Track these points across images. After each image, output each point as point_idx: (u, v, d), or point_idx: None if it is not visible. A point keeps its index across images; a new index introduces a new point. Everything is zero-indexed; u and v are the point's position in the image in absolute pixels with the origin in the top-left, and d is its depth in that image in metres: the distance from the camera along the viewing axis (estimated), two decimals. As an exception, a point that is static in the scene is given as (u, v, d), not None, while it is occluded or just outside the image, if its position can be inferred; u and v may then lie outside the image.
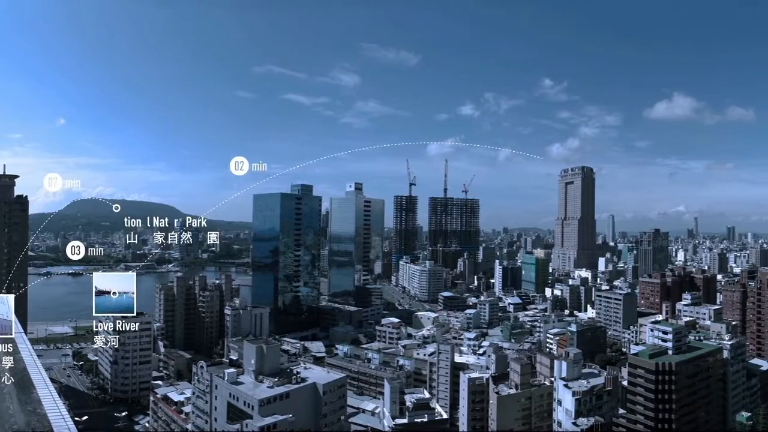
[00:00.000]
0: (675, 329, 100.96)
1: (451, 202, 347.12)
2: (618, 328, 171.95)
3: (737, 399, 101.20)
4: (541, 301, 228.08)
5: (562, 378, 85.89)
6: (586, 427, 76.12)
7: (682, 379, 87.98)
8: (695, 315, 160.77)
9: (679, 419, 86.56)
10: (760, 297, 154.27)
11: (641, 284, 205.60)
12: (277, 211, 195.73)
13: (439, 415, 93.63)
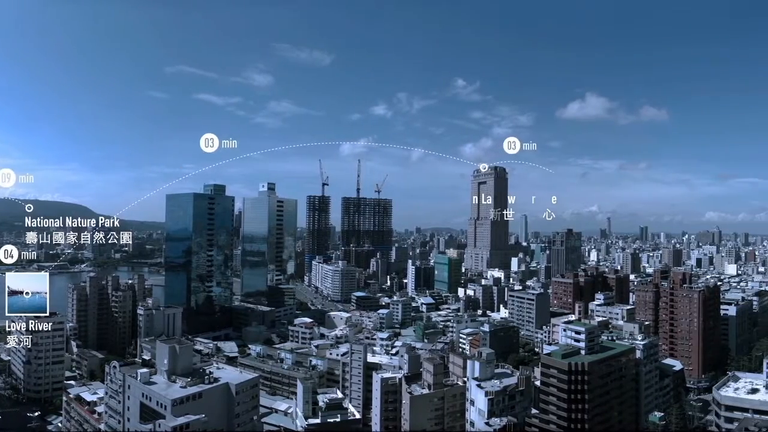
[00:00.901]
0: (588, 329, 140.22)
1: (363, 202, 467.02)
2: (531, 328, 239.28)
3: (650, 399, 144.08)
4: (454, 301, 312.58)
5: (475, 378, 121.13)
6: (498, 427, 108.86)
7: (594, 379, 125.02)
8: (608, 315, 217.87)
9: (592, 419, 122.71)
10: (673, 297, 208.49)
11: (554, 284, 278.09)
12: (189, 211, 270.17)
13: (352, 415, 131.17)
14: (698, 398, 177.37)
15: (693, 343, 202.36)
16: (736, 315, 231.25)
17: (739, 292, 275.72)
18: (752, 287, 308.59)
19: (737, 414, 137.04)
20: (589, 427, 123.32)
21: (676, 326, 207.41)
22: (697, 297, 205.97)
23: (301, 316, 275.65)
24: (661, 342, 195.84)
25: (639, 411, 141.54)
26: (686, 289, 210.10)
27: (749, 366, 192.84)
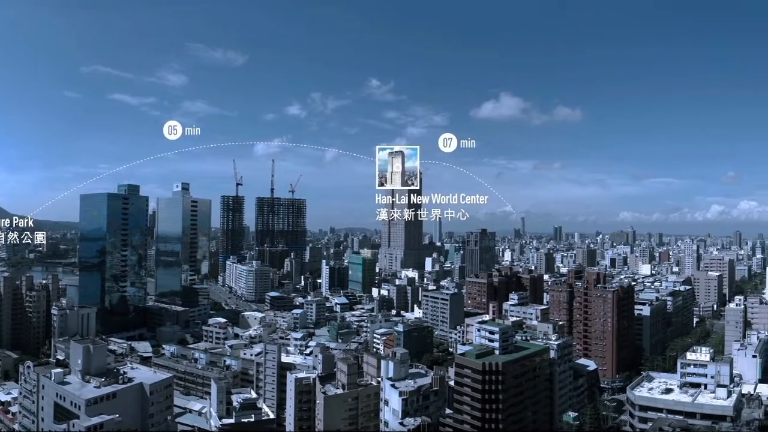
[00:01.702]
0: (502, 329, 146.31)
1: (278, 202, 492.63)
2: (445, 328, 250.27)
3: (564, 399, 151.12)
4: (368, 301, 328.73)
5: (389, 378, 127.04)
6: (412, 427, 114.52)
7: (508, 379, 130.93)
8: (522, 315, 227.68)
9: (506, 419, 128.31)
10: (587, 297, 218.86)
11: (468, 284, 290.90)
12: (103, 212, 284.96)
13: (266, 415, 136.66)
14: (612, 398, 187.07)
15: (607, 343, 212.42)
16: (650, 315, 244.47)
17: (653, 292, 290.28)
18: (666, 287, 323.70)
19: (651, 414, 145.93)
20: (503, 427, 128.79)
21: (591, 326, 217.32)
22: (611, 297, 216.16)
23: (215, 316, 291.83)
24: (576, 342, 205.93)
25: (553, 411, 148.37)
26: (600, 289, 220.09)
27: (663, 366, 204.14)
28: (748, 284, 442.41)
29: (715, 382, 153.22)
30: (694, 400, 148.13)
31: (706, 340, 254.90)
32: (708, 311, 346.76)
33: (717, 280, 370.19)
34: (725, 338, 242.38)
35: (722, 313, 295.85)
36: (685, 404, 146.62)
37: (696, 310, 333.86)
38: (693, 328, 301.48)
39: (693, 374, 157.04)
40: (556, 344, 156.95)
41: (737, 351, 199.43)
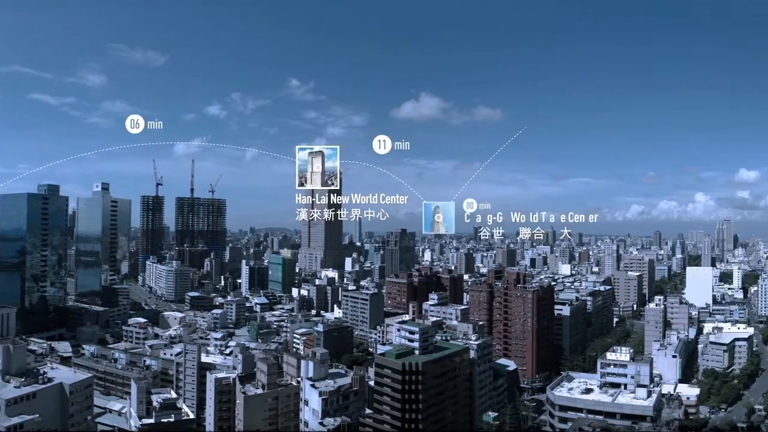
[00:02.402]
0: (422, 329, 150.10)
1: (198, 202, 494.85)
2: (365, 328, 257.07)
3: (484, 399, 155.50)
4: (288, 301, 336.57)
5: (309, 378, 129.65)
6: (332, 427, 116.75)
7: (428, 379, 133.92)
8: (442, 315, 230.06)
9: (426, 419, 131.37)
10: (507, 297, 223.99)
11: (388, 284, 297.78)
12: (23, 212, 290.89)
13: (186, 415, 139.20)
14: (532, 398, 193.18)
15: (527, 343, 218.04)
16: (570, 315, 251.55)
17: (573, 292, 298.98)
18: (586, 287, 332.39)
19: (571, 414, 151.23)
20: (422, 427, 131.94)
21: (510, 326, 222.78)
22: (531, 297, 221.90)
23: (135, 316, 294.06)
24: (495, 342, 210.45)
25: (473, 411, 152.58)
26: (520, 289, 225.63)
27: (583, 366, 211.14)
28: (668, 284, 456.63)
29: (635, 382, 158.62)
30: (614, 400, 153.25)
31: (626, 340, 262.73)
32: (628, 311, 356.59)
33: (637, 280, 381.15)
34: (645, 338, 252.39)
35: (642, 313, 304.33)
36: (605, 404, 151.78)
37: (616, 310, 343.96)
38: (613, 328, 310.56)
39: (613, 374, 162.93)
40: (475, 344, 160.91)
41: (657, 351, 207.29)
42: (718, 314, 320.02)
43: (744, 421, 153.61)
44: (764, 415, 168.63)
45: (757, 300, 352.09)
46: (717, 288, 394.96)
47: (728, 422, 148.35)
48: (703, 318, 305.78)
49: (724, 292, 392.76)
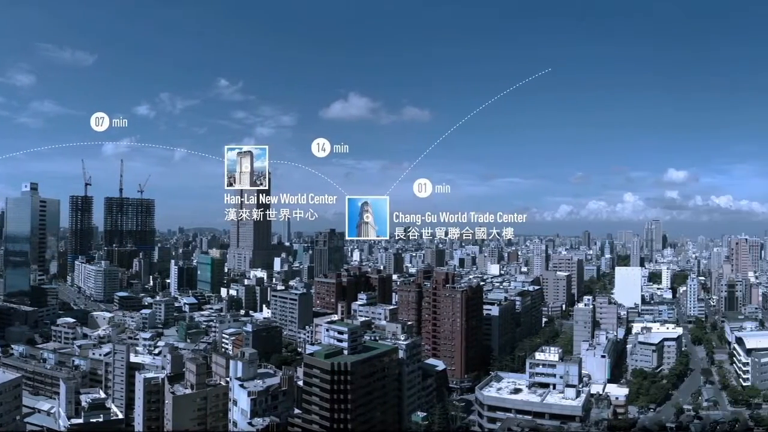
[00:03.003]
0: (350, 329, 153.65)
1: (126, 202, 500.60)
2: (294, 328, 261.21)
3: (413, 399, 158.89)
4: (217, 301, 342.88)
5: (238, 378, 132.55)
6: (261, 427, 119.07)
7: (357, 379, 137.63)
8: (371, 315, 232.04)
9: (355, 419, 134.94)
10: (436, 297, 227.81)
11: (317, 284, 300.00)
12: None
13: (115, 415, 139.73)
14: (461, 398, 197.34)
15: (456, 343, 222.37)
16: (498, 315, 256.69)
17: (501, 292, 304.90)
18: (515, 287, 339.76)
19: (500, 414, 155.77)
20: (351, 427, 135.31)
21: (439, 326, 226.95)
22: (460, 297, 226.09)
23: (64, 316, 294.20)
24: (424, 342, 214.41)
25: (401, 411, 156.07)
26: (449, 289, 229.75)
27: (512, 366, 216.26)
28: (597, 284, 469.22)
29: (564, 382, 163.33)
30: (543, 400, 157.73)
31: (554, 340, 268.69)
32: (557, 311, 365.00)
33: (566, 280, 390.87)
34: (574, 338, 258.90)
35: (571, 313, 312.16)
36: (534, 404, 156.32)
37: (545, 310, 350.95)
38: (542, 328, 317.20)
39: (542, 374, 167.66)
40: (404, 344, 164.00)
41: (586, 351, 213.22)
42: (646, 314, 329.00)
43: (673, 421, 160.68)
44: (693, 415, 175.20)
45: (686, 300, 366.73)
46: (646, 288, 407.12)
47: (657, 422, 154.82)
48: (632, 318, 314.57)
49: (653, 292, 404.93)
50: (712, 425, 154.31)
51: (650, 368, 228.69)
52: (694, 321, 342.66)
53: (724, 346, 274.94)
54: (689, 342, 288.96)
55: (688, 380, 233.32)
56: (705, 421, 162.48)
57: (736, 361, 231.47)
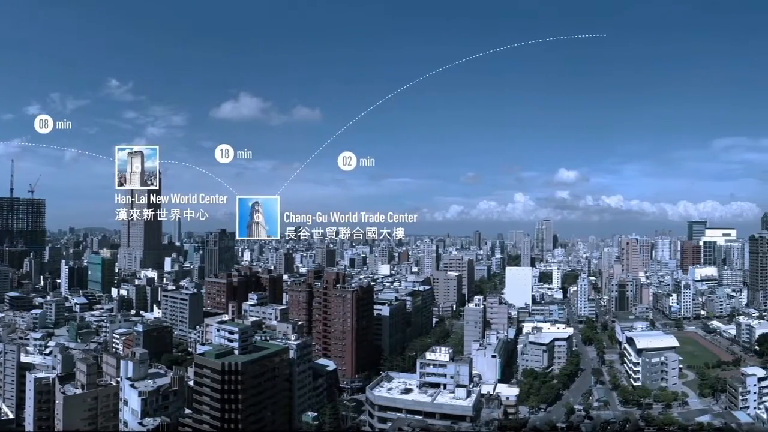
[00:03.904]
0: (241, 329, 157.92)
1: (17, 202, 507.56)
2: (184, 328, 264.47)
3: (304, 399, 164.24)
4: (108, 301, 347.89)
5: (129, 378, 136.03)
6: (152, 427, 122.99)
7: (248, 379, 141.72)
8: (261, 315, 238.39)
9: (245, 419, 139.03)
10: (326, 297, 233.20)
11: (207, 284, 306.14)
12: None
13: (6, 415, 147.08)
14: (352, 398, 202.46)
15: (346, 343, 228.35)
16: (389, 315, 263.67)
17: (392, 292, 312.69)
18: (406, 287, 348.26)
19: (390, 414, 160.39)
20: (242, 427, 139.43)
21: (330, 326, 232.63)
22: (351, 297, 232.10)
23: None
24: (315, 342, 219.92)
25: (292, 411, 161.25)
26: (339, 289, 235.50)
27: (403, 366, 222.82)
28: (488, 284, 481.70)
29: (455, 382, 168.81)
30: (434, 400, 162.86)
31: (445, 340, 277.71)
32: (447, 311, 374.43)
33: (456, 280, 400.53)
34: (464, 338, 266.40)
35: (462, 313, 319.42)
36: (425, 404, 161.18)
37: (435, 310, 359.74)
38: (432, 328, 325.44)
39: (432, 374, 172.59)
40: (295, 344, 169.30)
41: (476, 351, 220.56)
42: (537, 314, 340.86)
43: (563, 421, 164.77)
44: (584, 415, 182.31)
45: (577, 300, 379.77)
46: (536, 288, 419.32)
47: (548, 422, 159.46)
48: (523, 318, 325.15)
49: (544, 292, 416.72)
50: (602, 425, 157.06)
51: (541, 368, 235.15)
52: (585, 321, 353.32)
53: (614, 346, 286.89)
54: (580, 342, 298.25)
55: (578, 380, 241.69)
56: (596, 421, 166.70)
57: (627, 361, 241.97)
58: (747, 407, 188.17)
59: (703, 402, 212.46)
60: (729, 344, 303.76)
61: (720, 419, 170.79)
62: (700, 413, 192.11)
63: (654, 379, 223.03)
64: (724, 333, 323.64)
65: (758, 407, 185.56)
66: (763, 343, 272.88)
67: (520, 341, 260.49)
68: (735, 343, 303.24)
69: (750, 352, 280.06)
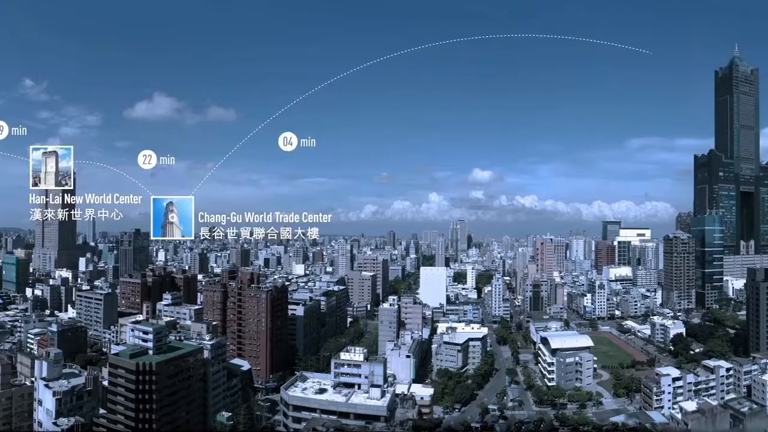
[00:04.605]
0: (155, 329, 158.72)
1: None
2: (99, 328, 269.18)
3: (218, 399, 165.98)
4: (22, 301, 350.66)
5: (43, 378, 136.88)
6: (66, 427, 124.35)
7: (162, 379, 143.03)
8: (176, 315, 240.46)
9: (160, 419, 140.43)
10: (241, 297, 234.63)
11: (122, 284, 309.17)
12: None
13: None
14: (266, 398, 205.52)
15: (261, 343, 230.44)
16: (304, 315, 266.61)
17: (307, 292, 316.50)
18: (320, 287, 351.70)
19: (305, 414, 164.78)
20: (156, 427, 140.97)
21: (245, 326, 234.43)
22: (265, 297, 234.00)
23: None
24: (230, 342, 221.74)
25: (207, 411, 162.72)
26: (254, 289, 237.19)
27: (317, 366, 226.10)
28: (402, 284, 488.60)
29: (369, 382, 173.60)
30: (348, 400, 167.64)
31: (360, 340, 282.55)
32: (362, 311, 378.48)
33: (371, 280, 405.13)
34: (379, 338, 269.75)
35: (376, 313, 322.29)
36: (339, 404, 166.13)
37: (350, 310, 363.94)
38: (347, 328, 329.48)
39: (347, 374, 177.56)
40: (209, 344, 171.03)
41: (391, 351, 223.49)
42: (452, 314, 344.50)
43: (478, 421, 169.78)
44: (498, 415, 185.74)
45: (491, 300, 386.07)
46: (451, 288, 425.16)
47: (462, 422, 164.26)
48: (437, 318, 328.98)
49: (458, 292, 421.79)
50: (517, 425, 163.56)
51: (455, 368, 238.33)
52: (500, 321, 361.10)
53: (529, 346, 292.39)
54: (494, 342, 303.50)
55: (493, 380, 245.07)
56: (510, 421, 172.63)
57: (541, 361, 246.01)
58: (661, 407, 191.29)
59: (618, 402, 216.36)
60: (643, 344, 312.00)
61: (634, 419, 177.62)
62: (615, 413, 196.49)
63: (568, 379, 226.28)
64: (639, 333, 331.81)
65: (673, 407, 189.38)
66: (678, 343, 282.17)
67: (435, 341, 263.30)
68: (649, 343, 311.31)
69: (664, 352, 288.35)
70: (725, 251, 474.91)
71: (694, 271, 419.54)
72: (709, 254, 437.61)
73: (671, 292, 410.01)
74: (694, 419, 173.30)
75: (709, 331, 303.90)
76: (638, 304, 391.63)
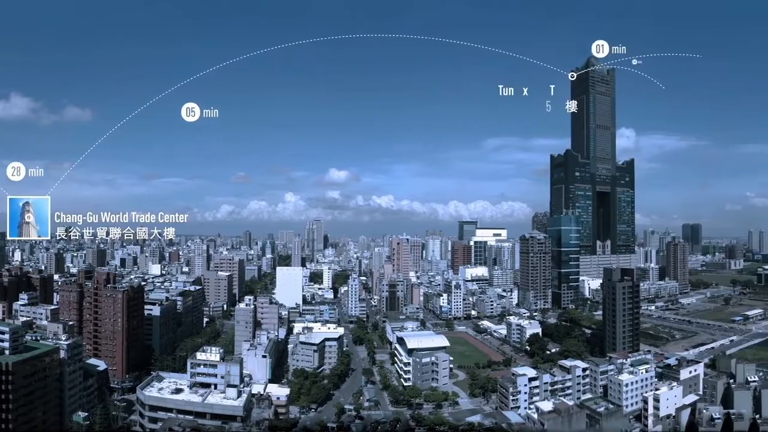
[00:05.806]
0: (12, 329, 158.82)
1: None
2: None
3: (74, 399, 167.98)
4: None
5: None
6: None
7: (18, 379, 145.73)
8: (32, 315, 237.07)
9: (16, 419, 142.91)
10: (97, 297, 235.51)
11: None
12: None
13: None
14: (123, 398, 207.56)
15: (117, 343, 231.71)
16: (160, 315, 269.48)
17: (163, 292, 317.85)
18: (176, 287, 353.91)
19: (162, 414, 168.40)
20: (12, 427, 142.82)
21: (101, 326, 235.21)
22: (121, 297, 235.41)
23: None
24: (86, 342, 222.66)
25: (63, 411, 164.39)
26: (110, 289, 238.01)
27: (173, 366, 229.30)
28: (258, 284, 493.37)
29: (225, 382, 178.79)
30: (204, 400, 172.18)
31: (216, 340, 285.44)
32: (218, 311, 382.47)
33: (227, 280, 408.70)
34: (235, 338, 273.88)
35: (232, 313, 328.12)
36: (195, 404, 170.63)
37: (206, 310, 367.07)
38: (203, 328, 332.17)
39: (203, 374, 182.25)
40: (66, 344, 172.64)
41: (247, 351, 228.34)
42: (308, 314, 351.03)
43: (334, 421, 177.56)
44: (354, 415, 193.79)
45: (347, 300, 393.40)
46: (307, 288, 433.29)
47: (318, 422, 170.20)
48: (294, 318, 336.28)
49: (315, 292, 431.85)
50: (373, 425, 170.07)
51: (312, 368, 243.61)
52: (356, 321, 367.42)
53: (385, 346, 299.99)
54: (351, 342, 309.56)
55: (349, 380, 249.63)
56: (366, 420, 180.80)
57: (398, 361, 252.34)
58: (518, 407, 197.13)
59: (474, 402, 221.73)
60: (500, 344, 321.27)
61: (491, 419, 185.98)
62: (471, 413, 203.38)
63: (425, 379, 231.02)
64: (495, 333, 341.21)
65: (529, 407, 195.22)
66: (534, 343, 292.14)
67: (291, 341, 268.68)
68: (506, 343, 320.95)
69: (521, 352, 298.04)
70: (581, 251, 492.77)
71: (550, 271, 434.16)
72: (565, 254, 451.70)
73: (527, 292, 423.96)
74: (551, 419, 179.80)
75: (566, 331, 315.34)
76: (494, 304, 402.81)
